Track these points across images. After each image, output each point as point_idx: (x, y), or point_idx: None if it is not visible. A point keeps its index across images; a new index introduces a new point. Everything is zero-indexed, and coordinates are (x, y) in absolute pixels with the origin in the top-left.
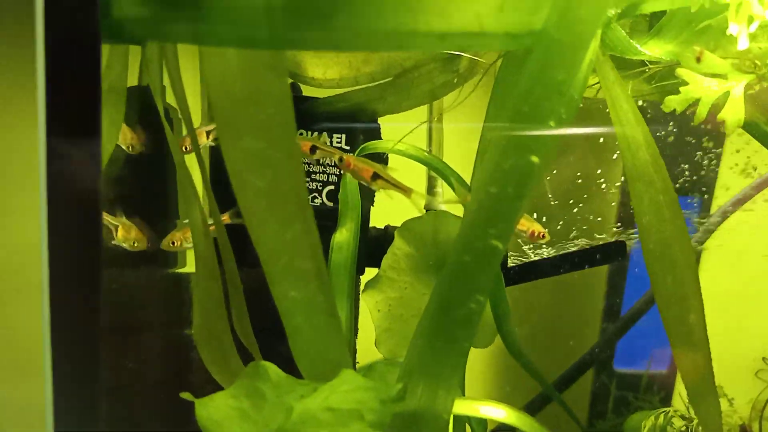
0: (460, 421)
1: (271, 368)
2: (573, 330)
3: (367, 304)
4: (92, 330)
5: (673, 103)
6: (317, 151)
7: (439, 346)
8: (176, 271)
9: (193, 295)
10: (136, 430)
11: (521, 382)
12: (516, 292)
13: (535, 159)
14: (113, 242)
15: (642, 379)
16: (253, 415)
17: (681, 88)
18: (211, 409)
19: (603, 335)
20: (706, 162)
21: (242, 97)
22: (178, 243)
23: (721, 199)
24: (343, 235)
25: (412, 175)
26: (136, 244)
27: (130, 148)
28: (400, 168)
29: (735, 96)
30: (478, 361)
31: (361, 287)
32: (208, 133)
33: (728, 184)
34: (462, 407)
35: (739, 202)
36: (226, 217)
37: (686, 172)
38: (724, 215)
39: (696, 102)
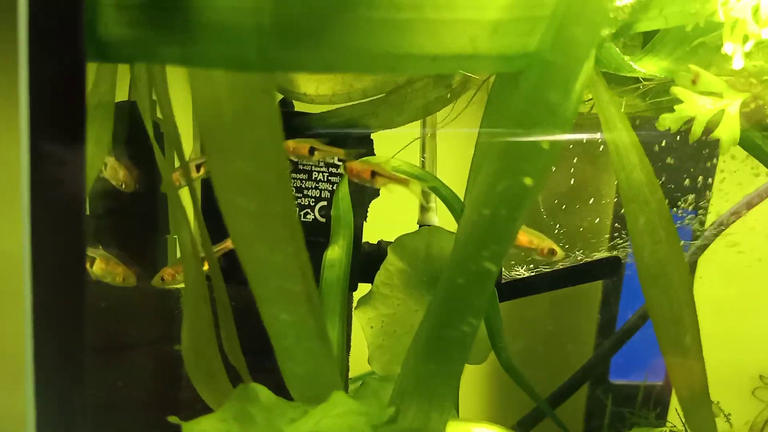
0: None
1: (261, 390)
2: (567, 344)
3: (359, 321)
4: (76, 338)
5: (667, 121)
6: (316, 153)
7: (432, 367)
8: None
9: (183, 314)
10: None
11: (515, 398)
12: (509, 307)
13: (528, 181)
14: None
15: (637, 391)
16: None
17: (676, 107)
18: None
19: (597, 350)
20: (701, 174)
21: (231, 119)
22: (169, 278)
23: (715, 212)
24: (336, 252)
25: (405, 190)
26: (122, 279)
27: (122, 186)
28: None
29: (730, 114)
30: (471, 377)
31: (354, 304)
32: (198, 167)
33: (724, 196)
34: (455, 429)
35: (735, 215)
36: (229, 243)
37: (682, 184)
38: (720, 228)
39: (691, 119)
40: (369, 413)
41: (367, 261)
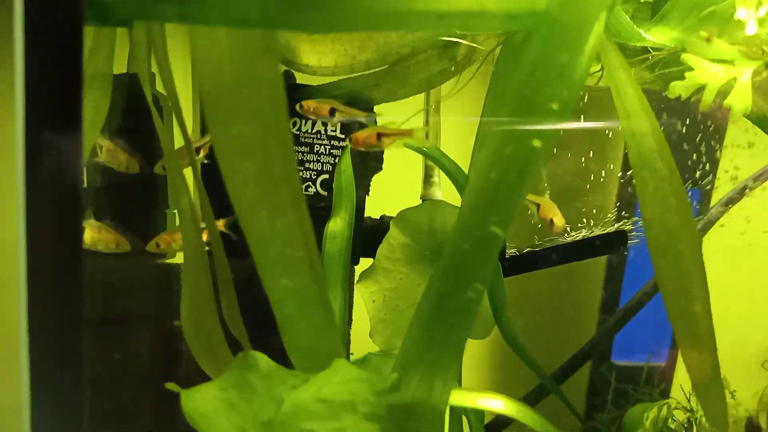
0: (457, 412)
1: (261, 358)
2: (571, 320)
3: (361, 295)
4: (74, 325)
5: (678, 89)
6: (337, 113)
7: (436, 336)
8: (165, 261)
9: (182, 286)
10: (121, 426)
11: (518, 374)
12: (513, 282)
13: (537, 143)
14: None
15: (641, 370)
16: (241, 407)
17: (686, 74)
18: (198, 401)
19: (601, 327)
20: (707, 152)
21: (233, 80)
22: (164, 246)
23: (722, 189)
24: (337, 225)
25: (409, 163)
26: (115, 246)
27: (126, 168)
28: (397, 157)
29: (742, 82)
30: (474, 352)
31: (356, 277)
32: (198, 149)
33: (730, 174)
34: (459, 398)
35: (741, 192)
36: (221, 224)
37: (687, 163)
38: (727, 205)
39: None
40: (371, 380)
41: (369, 235)
